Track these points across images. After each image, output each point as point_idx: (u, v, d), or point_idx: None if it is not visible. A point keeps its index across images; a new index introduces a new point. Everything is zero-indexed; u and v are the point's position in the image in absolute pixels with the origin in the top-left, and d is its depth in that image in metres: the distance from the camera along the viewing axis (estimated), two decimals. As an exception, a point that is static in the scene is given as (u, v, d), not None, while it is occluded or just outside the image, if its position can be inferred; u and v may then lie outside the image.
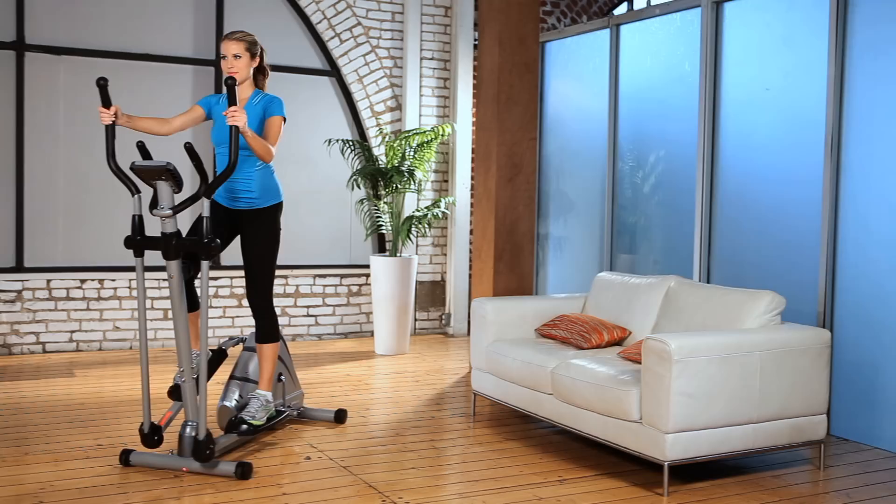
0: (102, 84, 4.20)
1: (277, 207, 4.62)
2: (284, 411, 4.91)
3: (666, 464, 4.01)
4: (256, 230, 4.54)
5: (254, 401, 4.61)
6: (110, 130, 4.29)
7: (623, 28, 6.75)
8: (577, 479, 4.24)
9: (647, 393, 4.06)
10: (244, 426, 4.49)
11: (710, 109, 5.89)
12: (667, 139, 6.36)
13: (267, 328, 4.62)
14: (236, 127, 4.16)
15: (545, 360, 4.72)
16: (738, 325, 4.46)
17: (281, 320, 7.63)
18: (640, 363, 4.38)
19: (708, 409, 4.04)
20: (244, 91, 4.56)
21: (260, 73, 4.64)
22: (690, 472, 4.30)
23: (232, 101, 4.15)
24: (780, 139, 5.49)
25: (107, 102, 4.22)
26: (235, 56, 4.48)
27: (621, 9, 9.60)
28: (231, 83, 4.16)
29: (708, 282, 5.86)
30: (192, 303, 4.47)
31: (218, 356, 4.69)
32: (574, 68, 7.32)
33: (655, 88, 6.48)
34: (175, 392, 4.47)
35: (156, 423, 4.33)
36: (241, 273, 7.19)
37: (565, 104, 7.42)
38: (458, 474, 4.39)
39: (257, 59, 4.57)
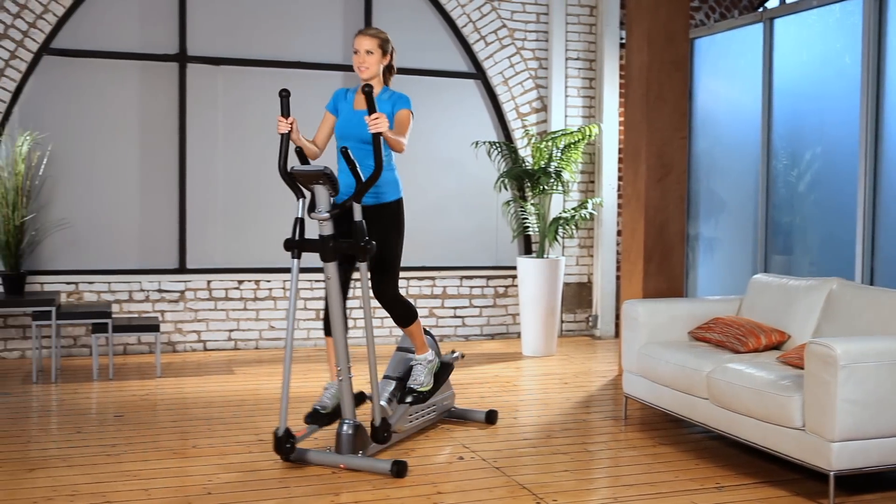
0: (285, 95, 4.37)
1: (401, 202, 4.68)
2: (454, 355, 5.16)
3: (832, 474, 3.85)
4: (384, 224, 4.59)
5: (416, 367, 4.81)
6: (285, 139, 4.43)
7: (777, 22, 6.53)
8: (735, 486, 4.12)
9: (811, 399, 3.91)
10: (410, 396, 4.70)
11: (873, 104, 5.64)
12: (824, 135, 6.12)
13: (402, 313, 4.73)
14: (379, 133, 4.23)
15: (700, 364, 4.62)
16: (908, 330, 4.25)
17: (428, 321, 7.72)
18: (801, 368, 4.23)
19: (877, 418, 3.86)
20: (374, 88, 4.55)
21: (388, 71, 4.69)
22: (857, 483, 4.12)
23: (372, 108, 4.22)
24: (951, 134, 5.20)
25: (286, 112, 4.37)
26: (368, 52, 4.54)
27: (773, 2, 9.29)
28: (368, 90, 4.23)
29: (871, 284, 5.61)
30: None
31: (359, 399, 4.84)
32: (725, 64, 7.13)
33: (812, 83, 6.24)
34: (312, 416, 4.54)
35: (292, 430, 4.31)
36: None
37: (716, 101, 7.25)
38: (611, 478, 4.34)
39: (388, 58, 4.62)
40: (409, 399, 4.72)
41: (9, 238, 6.49)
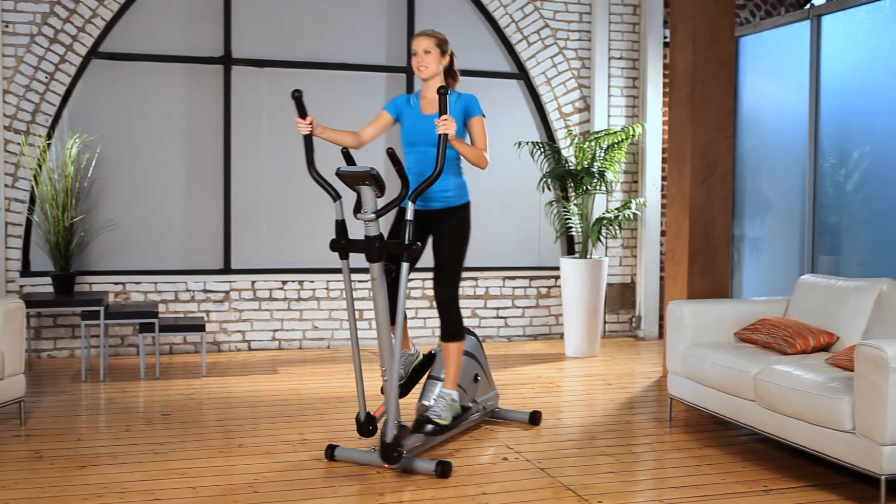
0: (297, 96, 4.37)
1: (468, 205, 4.68)
2: (470, 408, 4.90)
3: (883, 478, 3.79)
4: (452, 228, 4.60)
5: (440, 400, 4.65)
6: (308, 140, 4.46)
7: (825, 19, 6.45)
8: (783, 489, 4.08)
9: (861, 402, 3.85)
10: (429, 426, 4.53)
11: (924, 102, 5.54)
12: (873, 134, 6.02)
13: (452, 326, 4.65)
14: (445, 135, 4.24)
15: (747, 366, 4.57)
16: (962, 332, 4.17)
17: (471, 322, 7.73)
18: (850, 370, 4.17)
19: (929, 421, 3.80)
20: (435, 89, 4.56)
21: (451, 77, 4.69)
22: (908, 486, 4.06)
23: (443, 109, 4.22)
24: None
25: (303, 113, 4.39)
26: (426, 51, 4.55)
27: (820, -1, 9.17)
28: (443, 91, 4.22)
29: (922, 285, 5.51)
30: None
31: (429, 360, 4.84)
32: (771, 63, 7.05)
33: (861, 81, 6.15)
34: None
35: (371, 413, 4.47)
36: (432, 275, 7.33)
37: (762, 100, 7.17)
38: (657, 480, 4.31)
39: (447, 58, 4.62)
40: (427, 428, 4.53)
41: (59, 239, 6.60)
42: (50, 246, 6.63)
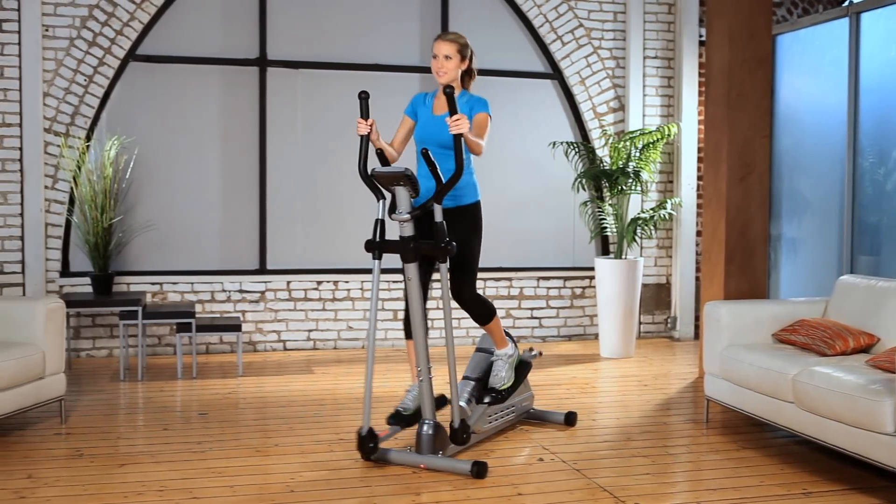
0: (364, 97, 4.40)
1: (479, 204, 4.69)
2: (532, 353, 5.13)
3: (925, 480, 3.75)
4: (464, 226, 4.60)
5: (497, 363, 4.82)
6: (364, 141, 4.47)
7: (864, 16, 6.37)
8: (823, 492, 4.03)
9: (903, 404, 3.80)
10: (490, 396, 4.71)
11: (966, 99, 5.46)
12: (914, 133, 5.95)
13: (481, 311, 4.73)
14: (460, 134, 4.24)
15: (786, 367, 4.53)
16: None
17: (505, 322, 7.72)
18: (892, 372, 4.11)
19: (973, 423, 3.74)
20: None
21: (467, 75, 4.70)
22: (951, 490, 4.00)
23: (453, 109, 4.23)
24: None
25: (365, 114, 4.41)
26: (446, 57, 4.55)
27: (858, -4, 9.05)
28: (450, 91, 4.23)
29: (965, 285, 5.42)
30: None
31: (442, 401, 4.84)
32: (808, 61, 6.98)
33: (901, 79, 6.07)
34: (394, 417, 4.58)
35: (375, 430, 4.35)
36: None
37: (799, 99, 7.09)
38: (694, 482, 4.28)
39: (466, 62, 4.63)
40: (487, 399, 4.73)
41: (97, 240, 6.68)
42: (89, 247, 6.71)
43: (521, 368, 4.99)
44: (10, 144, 6.85)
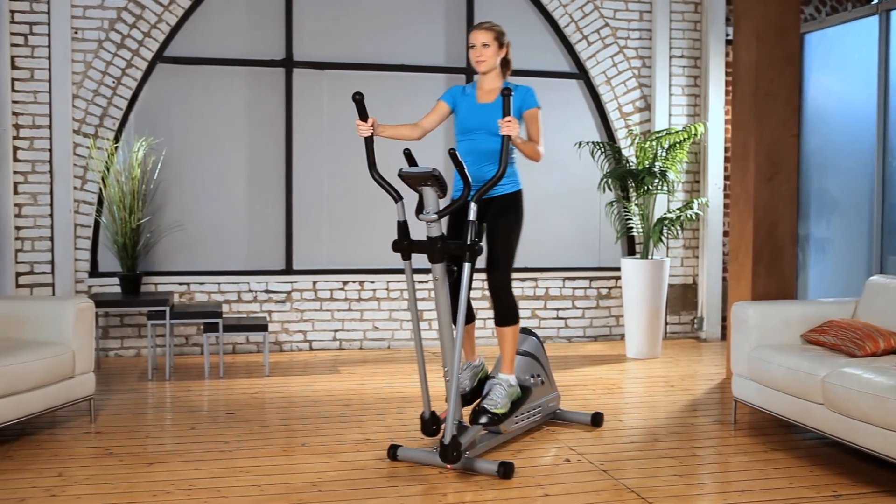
0: (358, 99, 4.39)
1: (521, 193, 4.68)
2: (529, 384, 4.82)
3: (957, 483, 3.70)
4: (505, 214, 4.58)
5: (496, 387, 4.58)
6: (369, 142, 4.49)
7: (894, 13, 6.30)
8: (853, 495, 3.99)
9: (934, 406, 3.76)
10: (484, 417, 4.48)
11: None
12: (945, 132, 5.88)
13: (505, 308, 4.59)
14: (508, 136, 4.25)
15: (815, 368, 4.49)
16: None
17: (531, 323, 7.71)
18: (923, 373, 4.07)
19: None
20: (493, 81, 4.64)
21: (505, 66, 4.70)
22: (984, 493, 3.96)
23: (506, 111, 4.22)
24: None
25: (363, 116, 4.42)
26: (484, 45, 4.56)
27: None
28: (507, 93, 4.23)
29: None
30: (469, 314, 4.60)
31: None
32: (837, 60, 6.92)
33: (932, 77, 6.01)
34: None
35: (437, 413, 4.49)
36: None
37: (828, 98, 7.03)
38: (722, 483, 4.26)
39: (504, 50, 4.63)
40: (482, 420, 4.49)
41: (126, 240, 6.73)
42: (117, 247, 6.77)
43: (519, 400, 4.71)
44: (40, 146, 6.92)
